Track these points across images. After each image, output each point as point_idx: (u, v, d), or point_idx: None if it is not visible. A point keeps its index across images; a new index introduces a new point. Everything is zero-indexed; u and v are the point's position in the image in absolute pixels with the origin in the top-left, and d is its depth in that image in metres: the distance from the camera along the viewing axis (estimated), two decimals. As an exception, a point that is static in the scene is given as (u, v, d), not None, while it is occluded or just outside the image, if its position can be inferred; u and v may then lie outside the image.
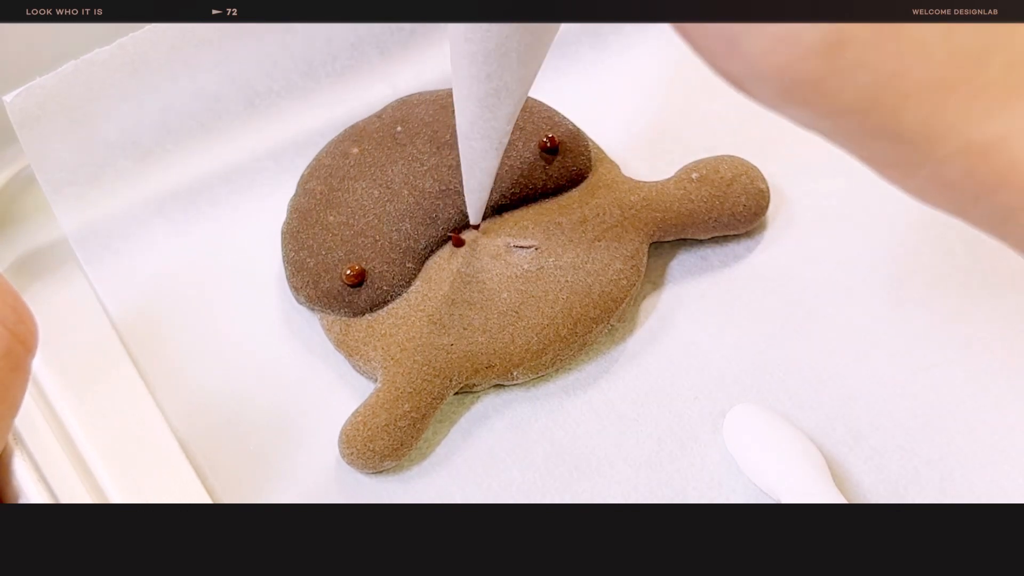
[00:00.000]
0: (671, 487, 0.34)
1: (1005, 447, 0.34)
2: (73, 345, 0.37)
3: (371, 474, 0.34)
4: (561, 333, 0.35)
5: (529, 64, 0.29)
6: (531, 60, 0.28)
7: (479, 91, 0.29)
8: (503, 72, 0.28)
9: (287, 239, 0.37)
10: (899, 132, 0.20)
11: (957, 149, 0.20)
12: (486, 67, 0.28)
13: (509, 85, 0.29)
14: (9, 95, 0.37)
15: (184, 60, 0.39)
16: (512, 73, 0.29)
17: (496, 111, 0.30)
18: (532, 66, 0.29)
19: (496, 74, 0.29)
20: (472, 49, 0.28)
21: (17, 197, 0.40)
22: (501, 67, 0.28)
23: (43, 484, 0.31)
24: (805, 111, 0.21)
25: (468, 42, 0.28)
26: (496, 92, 0.29)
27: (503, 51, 0.28)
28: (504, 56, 0.28)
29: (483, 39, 0.27)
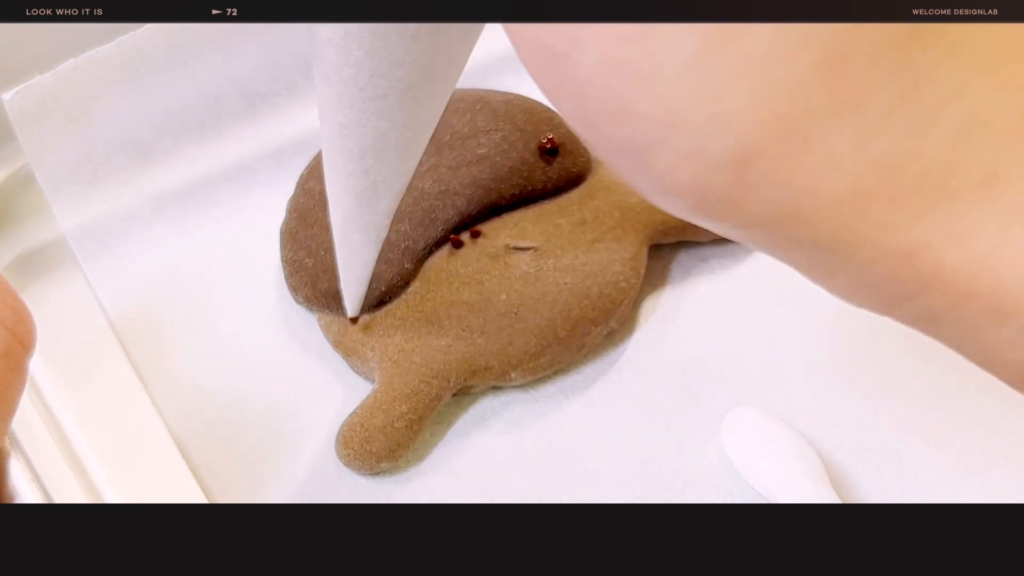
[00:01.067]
0: (669, 489, 0.34)
1: (1004, 450, 0.33)
2: (71, 344, 0.37)
3: (368, 475, 0.34)
4: (560, 335, 0.35)
5: (408, 158, 0.28)
6: (410, 153, 0.28)
7: (356, 186, 0.29)
8: (381, 167, 0.28)
9: (286, 239, 0.37)
10: (814, 242, 0.19)
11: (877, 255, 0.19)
12: (363, 163, 0.28)
13: (388, 179, 0.28)
14: (8, 93, 0.37)
15: (184, 59, 0.39)
16: (391, 167, 0.28)
17: (374, 205, 0.29)
18: (411, 159, 0.28)
19: (374, 169, 0.28)
20: (349, 145, 0.27)
21: (16, 196, 0.40)
22: (379, 162, 0.28)
23: (38, 484, 0.31)
24: (717, 224, 0.20)
25: (344, 138, 0.27)
26: (374, 186, 0.29)
27: (380, 146, 0.27)
28: (382, 151, 0.27)
29: (360, 135, 0.27)
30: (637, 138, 0.19)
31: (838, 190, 0.18)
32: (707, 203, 0.19)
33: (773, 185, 0.19)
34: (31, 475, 0.31)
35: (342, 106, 0.26)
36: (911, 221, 0.19)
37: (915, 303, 0.20)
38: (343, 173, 0.28)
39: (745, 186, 0.19)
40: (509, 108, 0.39)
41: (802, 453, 0.32)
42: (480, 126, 0.38)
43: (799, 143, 0.18)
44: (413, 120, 0.27)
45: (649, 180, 0.20)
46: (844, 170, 0.18)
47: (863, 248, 0.19)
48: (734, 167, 0.18)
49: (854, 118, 0.18)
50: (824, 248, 0.20)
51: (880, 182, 0.18)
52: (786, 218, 0.19)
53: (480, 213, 0.37)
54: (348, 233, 0.31)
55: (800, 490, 0.32)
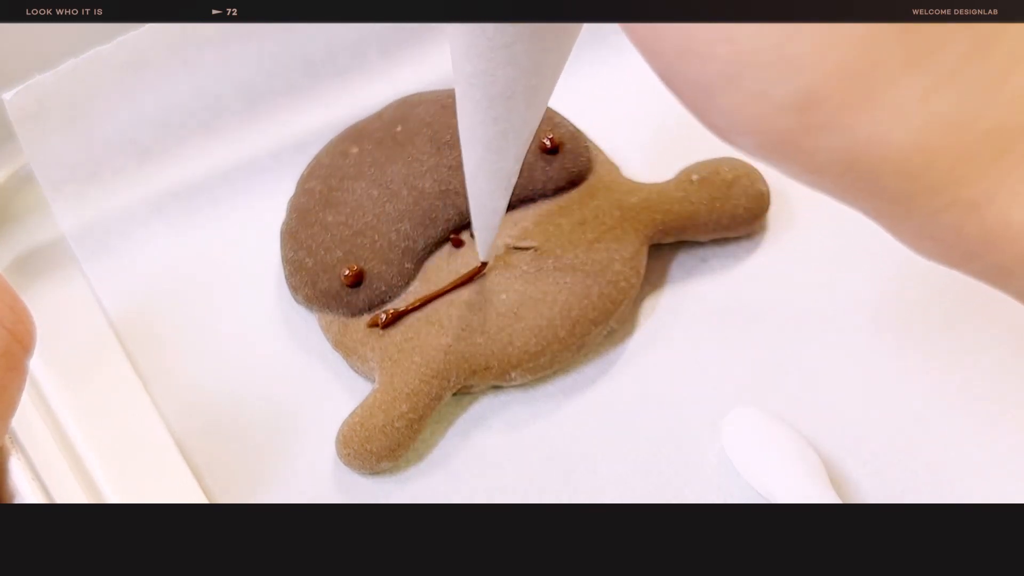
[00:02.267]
0: (669, 489, 0.34)
1: (1004, 451, 0.33)
2: (70, 344, 0.37)
3: (368, 475, 0.34)
4: (559, 335, 0.35)
5: (535, 105, 0.28)
6: (537, 101, 0.28)
7: (485, 134, 0.29)
8: (510, 115, 0.28)
9: (286, 238, 0.37)
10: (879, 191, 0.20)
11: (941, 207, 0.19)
12: (492, 111, 0.28)
13: (515, 127, 0.29)
14: (8, 93, 0.37)
15: (184, 59, 0.39)
16: (518, 115, 0.28)
17: (503, 153, 0.30)
18: (538, 107, 0.29)
19: (503, 117, 0.28)
20: (477, 95, 0.28)
21: (16, 195, 0.40)
22: (507, 110, 0.28)
23: (39, 483, 0.31)
24: (785, 167, 0.20)
25: (472, 87, 0.27)
26: (503, 134, 0.29)
27: (508, 95, 0.27)
28: (510, 99, 0.28)
29: (488, 84, 0.27)
30: (708, 77, 0.19)
31: (902, 142, 0.19)
32: (771, 145, 0.20)
33: (836, 132, 0.19)
34: (31, 474, 0.31)
35: (471, 56, 0.26)
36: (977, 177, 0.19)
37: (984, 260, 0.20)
38: (472, 122, 0.29)
39: (808, 131, 0.19)
40: (509, 108, 0.39)
41: (802, 453, 0.32)
42: (480, 126, 0.38)
43: (865, 92, 0.18)
44: (539, 68, 0.27)
45: (717, 119, 0.20)
46: (910, 123, 0.19)
47: (926, 201, 0.19)
48: (798, 111, 0.19)
49: (924, 72, 0.18)
50: (889, 199, 0.20)
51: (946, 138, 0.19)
52: (849, 167, 0.19)
53: (480, 213, 0.37)
54: (477, 181, 0.32)
55: (800, 490, 0.32)
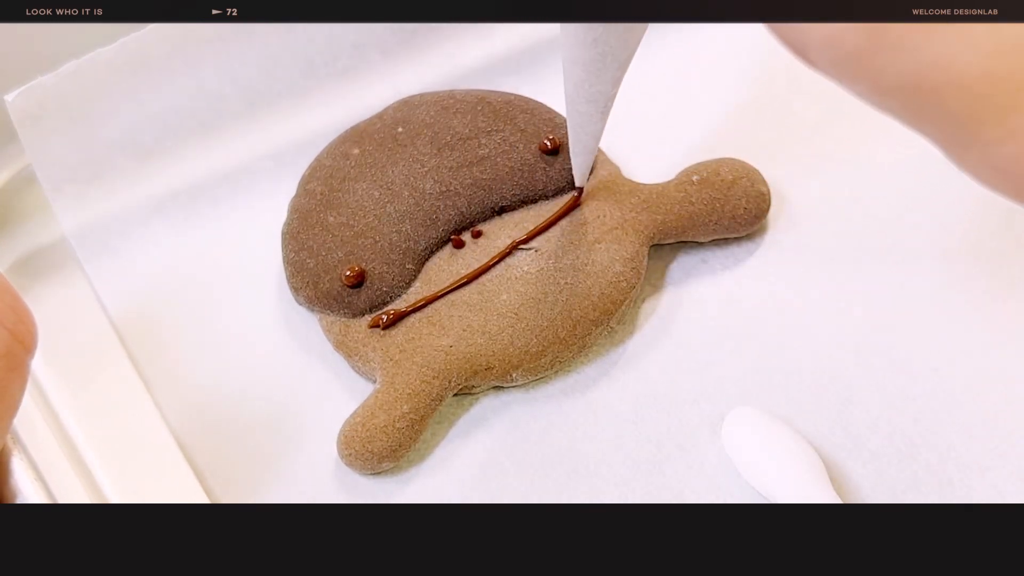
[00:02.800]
0: (669, 489, 0.34)
1: (1005, 452, 0.33)
2: (72, 344, 0.37)
3: (369, 475, 0.34)
4: (560, 335, 0.35)
5: (634, 28, 0.29)
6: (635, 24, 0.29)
7: (584, 56, 0.30)
8: (608, 36, 0.29)
9: (287, 239, 0.37)
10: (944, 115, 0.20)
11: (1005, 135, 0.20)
12: (591, 32, 0.29)
13: (615, 49, 0.29)
14: (10, 94, 0.37)
15: (185, 60, 0.39)
16: (617, 37, 0.29)
17: (601, 75, 0.30)
18: (637, 30, 0.29)
19: (602, 39, 0.29)
20: None
21: (17, 196, 0.40)
22: (607, 31, 0.29)
23: (41, 483, 0.31)
24: (855, 85, 0.21)
25: None
26: (602, 56, 0.29)
27: None
28: None
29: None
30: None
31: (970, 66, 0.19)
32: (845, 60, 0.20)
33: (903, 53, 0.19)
34: (34, 474, 0.31)
35: None
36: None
37: None
38: (572, 43, 0.29)
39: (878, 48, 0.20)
40: (510, 109, 0.39)
41: (803, 453, 0.33)
42: (481, 127, 0.38)
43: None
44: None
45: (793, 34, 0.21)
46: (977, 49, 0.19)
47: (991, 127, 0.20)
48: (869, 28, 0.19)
49: None
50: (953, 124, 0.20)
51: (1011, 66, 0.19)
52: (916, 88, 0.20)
53: (481, 214, 0.37)
54: (576, 104, 0.32)
55: (800, 490, 0.32)
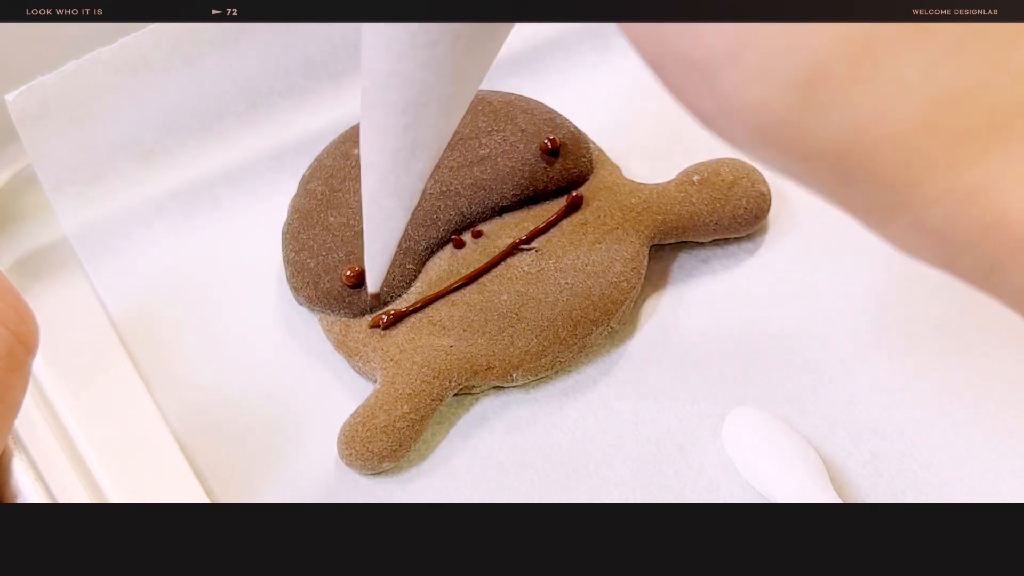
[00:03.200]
0: (669, 490, 0.34)
1: (1005, 451, 0.33)
2: (73, 344, 0.37)
3: (369, 475, 0.34)
4: (561, 335, 0.35)
5: (449, 117, 0.27)
6: (451, 112, 0.27)
7: (393, 144, 0.28)
8: (421, 124, 0.27)
9: (287, 239, 0.37)
10: (877, 176, 0.19)
11: (939, 194, 0.19)
12: (404, 118, 0.27)
13: (427, 139, 0.28)
14: (11, 94, 0.37)
15: (186, 60, 0.39)
16: (430, 126, 0.27)
17: (409, 167, 0.28)
18: (452, 119, 0.28)
19: (414, 125, 0.27)
20: (392, 97, 0.26)
21: (18, 196, 0.40)
22: (420, 117, 0.27)
23: (41, 483, 0.31)
24: (779, 153, 0.20)
25: (386, 89, 0.26)
26: (412, 145, 0.28)
27: (424, 100, 0.26)
28: (424, 106, 0.26)
29: (404, 86, 0.26)
30: (707, 55, 0.19)
31: (904, 119, 0.18)
32: (772, 126, 0.19)
33: (839, 109, 0.18)
34: (34, 475, 0.31)
35: (389, 55, 0.25)
36: (975, 158, 0.18)
37: (976, 252, 0.19)
38: (381, 129, 0.28)
39: (810, 108, 0.19)
40: (511, 109, 0.39)
41: (803, 453, 0.33)
42: (482, 127, 0.38)
43: (869, 66, 0.18)
44: (459, 74, 0.26)
45: (713, 101, 0.20)
46: (912, 98, 0.18)
47: (925, 184, 0.19)
48: (801, 87, 0.18)
49: (927, 45, 0.18)
50: (885, 186, 0.19)
51: (947, 114, 0.18)
52: (849, 148, 0.19)
53: (482, 213, 0.37)
54: (379, 199, 0.30)
55: (801, 490, 0.32)
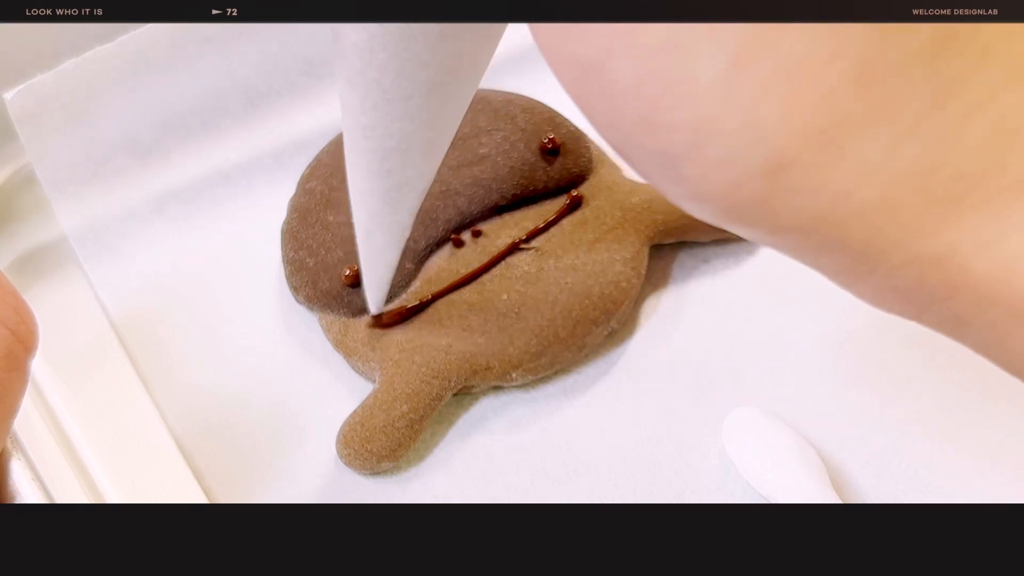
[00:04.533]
0: (670, 490, 0.34)
1: (1005, 452, 0.33)
2: (72, 344, 0.37)
3: (368, 475, 0.34)
4: (560, 335, 0.35)
5: (431, 158, 0.28)
6: (433, 154, 0.28)
7: (380, 187, 0.28)
8: (404, 168, 0.28)
9: (287, 238, 0.37)
10: (845, 246, 0.20)
11: (907, 261, 0.19)
12: (386, 164, 0.27)
13: (411, 180, 0.28)
14: (9, 92, 0.37)
15: (185, 58, 0.39)
16: (414, 169, 0.28)
17: (397, 206, 0.29)
18: (434, 160, 0.28)
19: (397, 170, 0.28)
20: (372, 146, 0.27)
21: (17, 195, 0.40)
22: (402, 163, 0.27)
23: (39, 484, 0.31)
24: (747, 230, 0.20)
25: (367, 139, 0.27)
26: (398, 187, 0.28)
27: (404, 147, 0.27)
28: (405, 152, 0.27)
29: (383, 137, 0.26)
30: (670, 147, 0.19)
31: (870, 197, 0.19)
32: (738, 210, 0.19)
33: (805, 193, 0.19)
34: (32, 475, 0.31)
35: (366, 108, 0.26)
36: (940, 227, 0.19)
37: (943, 308, 0.20)
38: (366, 174, 0.28)
39: (777, 194, 0.19)
40: (510, 108, 0.39)
41: (803, 454, 0.32)
42: (481, 126, 0.38)
43: (832, 151, 0.18)
44: (437, 121, 0.26)
45: (681, 188, 0.20)
46: (876, 177, 0.18)
47: (892, 253, 0.19)
48: (766, 175, 0.19)
49: (886, 126, 0.18)
50: (854, 254, 0.20)
51: (911, 189, 0.19)
52: (817, 225, 0.19)
53: (481, 213, 0.37)
54: (372, 234, 0.31)
55: (801, 491, 0.32)
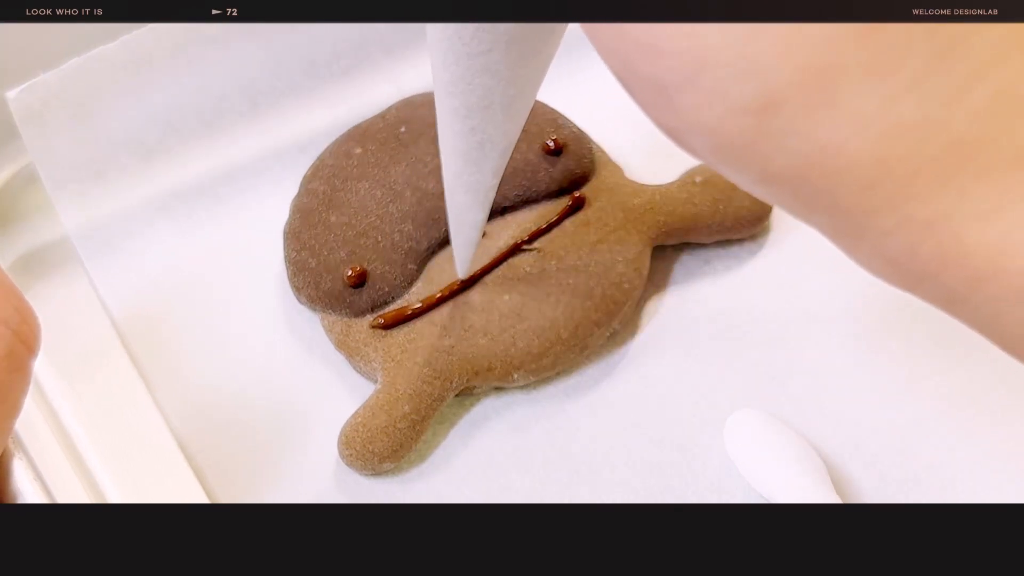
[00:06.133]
0: (671, 491, 0.34)
1: (1006, 453, 0.33)
2: (74, 344, 0.37)
3: (370, 475, 0.34)
4: (562, 336, 0.35)
5: (514, 117, 0.28)
6: (515, 113, 0.28)
7: (463, 145, 0.29)
8: (486, 125, 0.28)
9: (289, 239, 0.37)
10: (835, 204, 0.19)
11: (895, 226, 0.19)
12: (469, 121, 0.28)
13: (493, 138, 0.28)
14: (12, 91, 0.37)
15: (188, 58, 0.39)
16: (496, 126, 0.28)
17: (481, 165, 0.29)
18: (517, 119, 0.28)
19: (480, 128, 0.28)
20: (455, 103, 0.27)
21: (19, 194, 0.40)
22: (484, 120, 0.28)
23: (41, 484, 0.31)
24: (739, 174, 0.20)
25: (450, 96, 0.27)
26: (480, 145, 0.29)
27: (486, 104, 0.27)
28: (487, 109, 0.27)
29: (465, 92, 0.27)
30: (667, 74, 0.19)
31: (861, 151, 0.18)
32: (727, 147, 0.19)
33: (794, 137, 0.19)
34: (34, 475, 0.31)
35: (448, 63, 0.26)
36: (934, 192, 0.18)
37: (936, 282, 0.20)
38: (451, 133, 0.29)
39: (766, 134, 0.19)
40: (513, 109, 0.39)
41: (805, 455, 0.32)
42: (483, 127, 0.38)
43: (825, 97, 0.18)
44: (517, 77, 0.26)
45: (674, 119, 0.20)
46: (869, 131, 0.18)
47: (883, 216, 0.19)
48: (756, 112, 0.18)
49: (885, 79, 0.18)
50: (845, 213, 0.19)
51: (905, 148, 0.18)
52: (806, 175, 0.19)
53: (483, 214, 0.37)
54: (455, 193, 0.31)
55: (802, 492, 0.32)
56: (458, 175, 0.30)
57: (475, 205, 0.31)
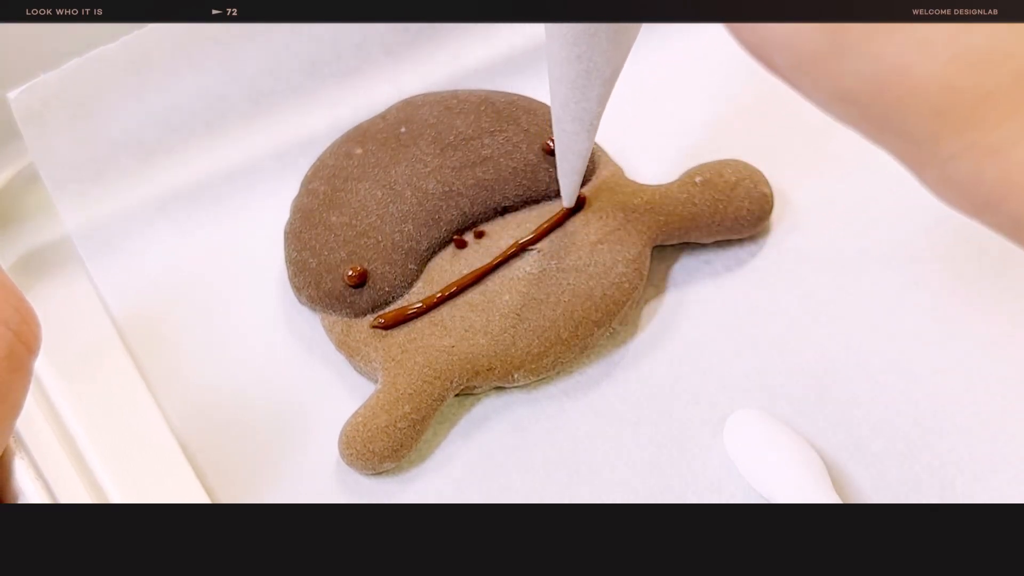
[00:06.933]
0: (671, 491, 0.34)
1: (1007, 454, 0.33)
2: (74, 344, 0.37)
3: (370, 475, 0.34)
4: (562, 336, 0.35)
5: (619, 44, 0.29)
6: (621, 40, 0.29)
7: (570, 73, 0.30)
8: (592, 53, 0.29)
9: (289, 239, 0.37)
10: (904, 127, 0.20)
11: (962, 150, 0.19)
12: (576, 48, 0.29)
13: (599, 66, 0.29)
14: (13, 92, 0.37)
15: (189, 58, 0.39)
16: (602, 54, 0.29)
17: (587, 92, 0.30)
18: (623, 46, 0.29)
19: (586, 55, 0.29)
20: (562, 30, 0.28)
21: (20, 195, 0.40)
22: (590, 47, 0.28)
23: (42, 483, 0.31)
24: (814, 92, 0.21)
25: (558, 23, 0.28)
26: (587, 73, 0.29)
27: (592, 31, 0.28)
28: (593, 36, 0.28)
29: None
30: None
31: (927, 76, 0.19)
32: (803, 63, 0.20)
33: (864, 57, 0.19)
34: (35, 474, 0.31)
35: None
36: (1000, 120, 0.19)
37: (1000, 208, 0.20)
38: (558, 60, 0.29)
39: (837, 51, 0.19)
40: (513, 109, 0.39)
41: (804, 455, 0.32)
42: (484, 127, 0.38)
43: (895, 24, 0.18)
44: None
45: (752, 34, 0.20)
46: (936, 57, 0.19)
47: (949, 141, 0.19)
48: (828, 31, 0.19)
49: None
50: (912, 137, 0.20)
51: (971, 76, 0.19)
52: (876, 96, 0.19)
53: (484, 214, 0.37)
54: (563, 123, 0.32)
55: (802, 492, 0.32)
56: (565, 104, 0.31)
57: (582, 132, 0.32)
